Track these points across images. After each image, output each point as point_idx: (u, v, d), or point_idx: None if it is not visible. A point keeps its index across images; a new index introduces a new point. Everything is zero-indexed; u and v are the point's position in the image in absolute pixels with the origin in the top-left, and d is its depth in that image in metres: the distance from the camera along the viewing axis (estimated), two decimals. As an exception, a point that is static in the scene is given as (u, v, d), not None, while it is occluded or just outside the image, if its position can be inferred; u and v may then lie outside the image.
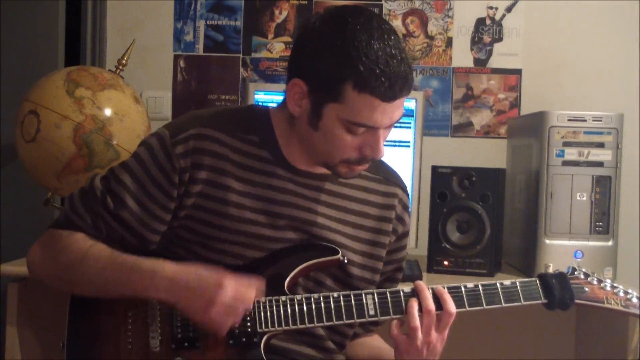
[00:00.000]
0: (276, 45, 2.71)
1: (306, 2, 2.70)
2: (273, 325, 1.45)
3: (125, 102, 2.23)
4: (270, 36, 2.72)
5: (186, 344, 1.45)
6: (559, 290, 1.52)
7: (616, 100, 2.60)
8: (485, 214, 2.15)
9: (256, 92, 2.39)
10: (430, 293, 1.47)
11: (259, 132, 1.53)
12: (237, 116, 1.56)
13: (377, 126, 1.42)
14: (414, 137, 2.32)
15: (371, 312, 1.47)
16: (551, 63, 2.66)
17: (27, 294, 2.07)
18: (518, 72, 2.67)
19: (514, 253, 2.37)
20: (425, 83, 2.65)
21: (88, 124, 2.14)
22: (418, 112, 2.31)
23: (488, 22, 2.67)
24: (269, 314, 1.45)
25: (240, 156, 1.51)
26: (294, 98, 1.45)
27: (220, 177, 1.49)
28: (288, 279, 1.49)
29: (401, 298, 1.48)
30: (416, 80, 2.56)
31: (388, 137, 1.48)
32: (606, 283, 1.56)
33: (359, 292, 1.48)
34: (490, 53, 2.67)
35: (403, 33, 2.62)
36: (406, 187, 1.69)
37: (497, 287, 1.51)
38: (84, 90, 2.17)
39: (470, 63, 2.68)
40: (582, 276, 1.56)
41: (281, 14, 2.71)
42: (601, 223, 2.14)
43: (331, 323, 1.47)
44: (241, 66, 2.73)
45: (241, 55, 2.73)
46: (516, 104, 2.67)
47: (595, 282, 1.56)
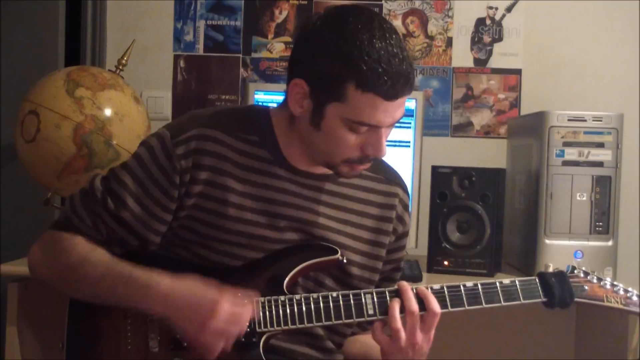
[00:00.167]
0: (276, 45, 2.71)
1: (306, 2, 2.70)
2: (272, 325, 1.45)
3: (125, 102, 2.23)
4: (270, 36, 2.72)
5: (185, 344, 1.45)
6: (559, 288, 1.52)
7: (616, 100, 2.59)
8: (485, 214, 2.15)
9: (256, 92, 2.39)
10: (413, 294, 1.46)
11: (259, 132, 1.53)
12: (238, 116, 1.56)
13: (380, 125, 1.42)
14: (414, 137, 2.32)
15: (370, 312, 1.46)
16: (551, 63, 2.66)
17: (27, 294, 2.07)
18: (518, 72, 2.67)
19: (514, 253, 2.37)
20: (425, 83, 2.65)
21: (88, 124, 2.14)
22: (418, 112, 2.31)
23: (488, 22, 2.67)
24: (268, 314, 1.45)
25: (240, 156, 1.50)
26: (296, 98, 1.45)
27: (220, 178, 1.49)
28: (287, 279, 1.49)
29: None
30: (416, 80, 2.56)
31: (388, 137, 1.48)
32: (606, 281, 1.55)
33: (358, 292, 1.48)
34: (490, 53, 2.67)
35: (403, 33, 2.62)
36: (407, 187, 1.69)
37: (497, 286, 1.51)
38: (84, 90, 2.17)
39: (470, 63, 2.68)
40: (582, 275, 1.56)
41: (281, 14, 2.71)
42: (601, 223, 2.14)
43: (330, 323, 1.47)
44: (241, 66, 2.73)
45: (241, 55, 2.73)
46: (516, 104, 2.67)
47: (595, 281, 1.55)
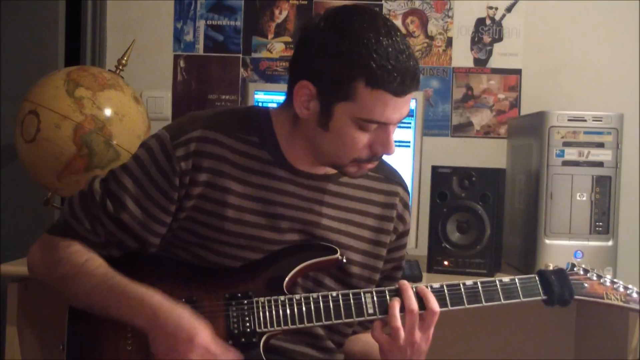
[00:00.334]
0: (276, 45, 2.71)
1: (306, 2, 2.70)
2: (272, 325, 1.45)
3: (125, 102, 2.23)
4: (270, 36, 2.72)
5: None
6: (559, 286, 1.52)
7: (616, 100, 2.59)
8: (485, 214, 2.15)
9: (256, 92, 2.39)
10: (413, 292, 1.47)
11: (259, 133, 1.53)
12: (237, 117, 1.56)
13: (389, 122, 1.43)
14: (414, 137, 2.31)
15: (370, 311, 1.46)
16: (551, 63, 2.66)
17: (27, 294, 2.07)
18: (518, 72, 2.67)
19: (514, 253, 2.37)
20: (425, 83, 2.65)
21: (88, 124, 2.14)
22: (418, 112, 2.31)
23: (488, 22, 2.67)
24: (268, 314, 1.45)
25: (240, 157, 1.50)
26: (301, 100, 1.45)
27: (220, 180, 1.49)
28: (287, 279, 1.49)
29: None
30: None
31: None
32: (606, 279, 1.55)
33: (358, 291, 1.48)
34: (490, 53, 2.67)
35: (403, 33, 2.61)
36: (407, 186, 1.69)
37: (496, 284, 1.51)
38: (84, 90, 2.17)
39: (470, 63, 2.68)
40: (582, 272, 1.56)
41: (281, 14, 2.71)
42: (601, 223, 2.14)
43: (330, 322, 1.47)
44: (241, 66, 2.73)
45: (241, 55, 2.73)
46: (516, 104, 2.67)
47: (594, 278, 1.55)
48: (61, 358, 1.50)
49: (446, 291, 1.49)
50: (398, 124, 1.48)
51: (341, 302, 1.47)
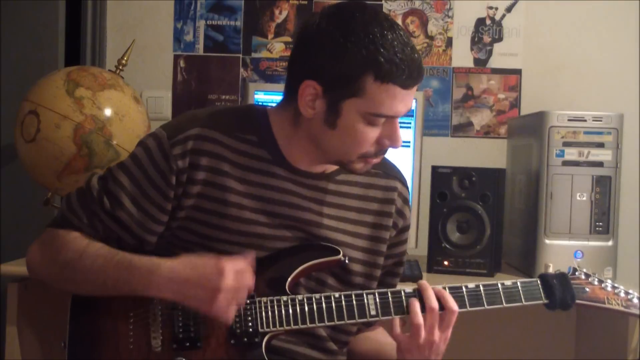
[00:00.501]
0: (276, 45, 2.71)
1: (306, 2, 2.70)
2: (274, 325, 1.45)
3: (125, 102, 2.23)
4: (270, 36, 2.72)
5: (187, 344, 1.45)
6: (560, 290, 1.52)
7: (616, 100, 2.59)
8: (485, 214, 2.15)
9: (256, 92, 2.39)
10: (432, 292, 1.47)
11: (258, 132, 1.53)
12: (236, 116, 1.56)
13: (397, 115, 1.44)
14: (414, 137, 2.31)
15: (372, 312, 1.47)
16: (551, 63, 2.66)
17: (27, 294, 2.07)
18: (518, 72, 2.67)
19: (514, 253, 2.37)
20: (425, 83, 2.65)
21: (88, 124, 2.14)
22: (418, 112, 2.31)
23: (488, 22, 2.67)
24: (271, 314, 1.45)
25: (238, 156, 1.50)
26: (306, 100, 1.45)
27: (218, 178, 1.49)
28: (289, 280, 1.49)
29: (402, 298, 1.48)
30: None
31: None
32: (607, 283, 1.56)
33: (360, 292, 1.48)
34: (490, 53, 2.67)
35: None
36: (406, 180, 1.69)
37: (499, 288, 1.52)
38: (84, 90, 2.17)
39: (470, 63, 2.68)
40: (583, 276, 1.56)
41: (281, 14, 2.71)
42: (601, 223, 2.14)
43: (332, 323, 1.47)
44: (241, 66, 2.73)
45: (241, 55, 2.73)
46: (516, 104, 2.67)
47: (596, 283, 1.56)
48: (62, 356, 1.50)
49: (448, 292, 1.49)
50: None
51: (344, 303, 1.47)
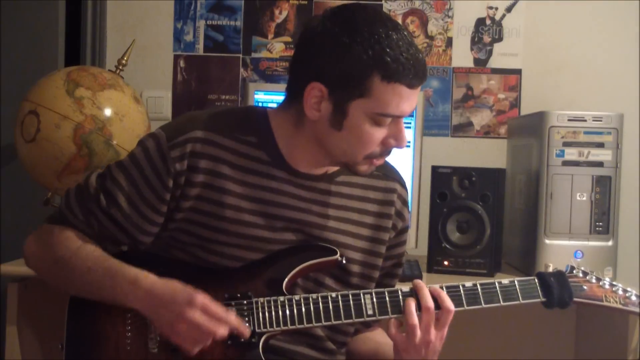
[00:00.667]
0: (276, 45, 2.71)
1: (306, 2, 2.69)
2: (272, 325, 1.45)
3: (125, 102, 2.23)
4: (270, 36, 2.72)
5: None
6: (558, 288, 1.52)
7: (616, 100, 2.59)
8: (485, 214, 2.15)
9: (256, 92, 2.39)
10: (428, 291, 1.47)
11: (257, 134, 1.53)
12: (235, 117, 1.56)
13: (404, 115, 1.45)
14: (414, 137, 2.31)
15: (369, 312, 1.46)
16: (551, 63, 2.66)
17: (27, 294, 2.07)
18: (518, 72, 2.67)
19: (514, 253, 2.37)
20: (425, 83, 2.63)
21: (88, 124, 2.14)
22: (418, 112, 2.31)
23: (488, 22, 2.67)
24: (268, 315, 1.45)
25: (237, 158, 1.50)
26: (312, 102, 1.45)
27: (217, 180, 1.49)
28: (286, 280, 1.49)
29: (399, 297, 1.48)
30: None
31: None
32: (605, 281, 1.55)
33: (357, 292, 1.48)
34: (490, 53, 2.67)
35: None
36: (405, 182, 1.69)
37: (496, 286, 1.51)
38: (84, 90, 2.17)
39: (470, 63, 2.68)
40: (581, 274, 1.56)
41: (281, 14, 2.71)
42: (601, 223, 2.14)
43: (330, 323, 1.46)
44: (241, 66, 2.73)
45: (241, 55, 2.73)
46: (516, 104, 2.67)
47: (594, 281, 1.55)
48: (60, 358, 1.50)
49: (445, 292, 1.49)
50: None
51: (340, 303, 1.47)
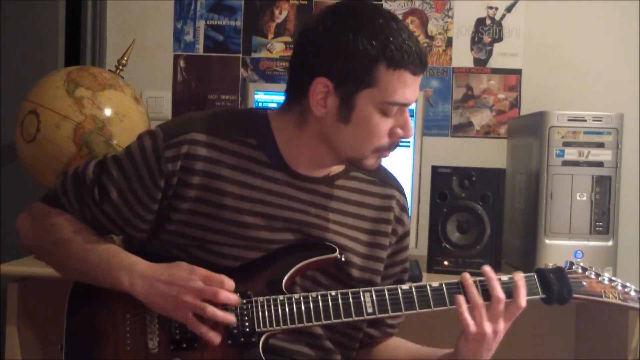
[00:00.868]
0: (276, 45, 2.71)
1: (306, 2, 2.70)
2: (271, 324, 1.44)
3: (125, 102, 2.23)
4: (270, 36, 2.72)
5: (184, 345, 1.45)
6: (557, 284, 1.51)
7: (616, 100, 2.59)
8: (485, 214, 2.15)
9: (256, 92, 2.39)
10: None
11: (257, 135, 1.53)
12: (234, 118, 1.56)
13: (409, 103, 1.47)
14: (414, 137, 2.31)
15: (369, 310, 1.46)
16: (551, 63, 2.66)
17: (27, 294, 2.07)
18: (518, 72, 2.67)
19: (514, 253, 2.36)
20: (425, 83, 2.65)
21: (88, 124, 2.14)
22: (418, 112, 2.31)
23: (488, 22, 2.67)
24: (267, 314, 1.45)
25: (236, 159, 1.50)
26: (318, 98, 1.45)
27: (215, 182, 1.49)
28: (285, 278, 1.48)
29: (399, 295, 1.48)
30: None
31: None
32: (604, 277, 1.54)
33: (357, 290, 1.48)
34: (490, 53, 2.67)
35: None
36: (403, 189, 1.68)
37: None
38: (84, 90, 2.17)
39: (470, 63, 2.68)
40: (580, 270, 1.55)
41: (281, 14, 2.71)
42: (601, 223, 2.14)
43: (329, 322, 1.46)
44: (241, 66, 2.73)
45: (241, 55, 2.73)
46: (516, 104, 2.67)
47: (593, 276, 1.54)
48: (60, 358, 1.50)
49: (445, 290, 1.49)
50: None
51: (340, 302, 1.46)
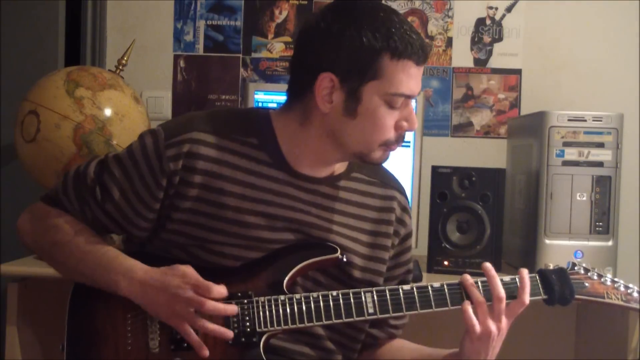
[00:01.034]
0: (276, 45, 2.71)
1: (306, 2, 2.70)
2: (272, 324, 1.45)
3: (125, 102, 2.23)
4: (270, 36, 2.72)
5: (185, 345, 1.45)
6: (559, 285, 1.51)
7: (616, 100, 2.59)
8: (485, 214, 2.15)
9: (256, 92, 2.39)
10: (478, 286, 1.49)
11: (259, 135, 1.53)
12: (236, 118, 1.56)
13: (413, 94, 1.48)
14: (414, 137, 2.31)
15: (370, 311, 1.46)
16: (551, 63, 2.66)
17: (27, 294, 2.07)
18: (518, 72, 2.67)
19: (514, 253, 2.37)
20: (425, 83, 2.65)
21: (88, 124, 2.14)
22: (418, 112, 2.31)
23: (488, 22, 2.67)
24: (268, 314, 1.45)
25: (238, 158, 1.50)
26: (324, 94, 1.46)
27: (216, 181, 1.49)
28: (287, 278, 1.48)
29: (400, 296, 1.48)
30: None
31: None
32: (606, 278, 1.54)
33: (358, 291, 1.48)
34: (490, 53, 2.67)
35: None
36: (404, 190, 1.68)
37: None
38: (84, 90, 2.17)
39: (470, 63, 2.68)
40: (582, 271, 1.55)
41: (281, 14, 2.71)
42: (601, 223, 2.14)
43: (330, 322, 1.46)
44: (241, 66, 2.73)
45: (241, 55, 2.73)
46: (516, 104, 2.67)
47: (595, 277, 1.54)
48: (61, 358, 1.50)
49: (446, 290, 1.49)
50: None
51: (341, 302, 1.46)
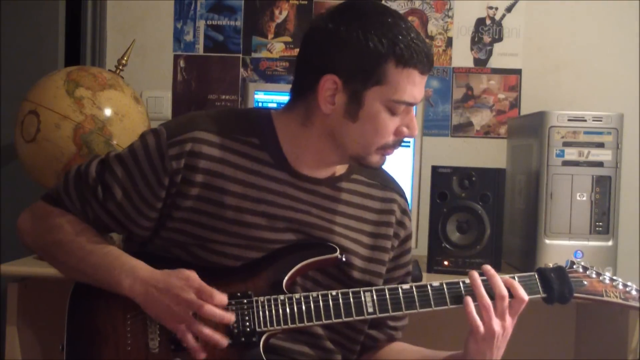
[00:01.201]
0: (276, 45, 2.71)
1: (306, 2, 2.70)
2: (272, 324, 1.44)
3: (125, 102, 2.23)
4: (270, 36, 2.72)
5: (185, 345, 1.45)
6: (558, 284, 1.51)
7: (616, 100, 2.59)
8: (485, 214, 2.15)
9: (256, 92, 2.39)
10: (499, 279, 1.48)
11: (260, 134, 1.53)
12: (237, 118, 1.56)
13: (416, 102, 1.48)
14: (414, 137, 2.31)
15: (370, 310, 1.46)
16: (551, 63, 2.66)
17: (27, 294, 2.07)
18: (518, 72, 2.67)
19: (514, 253, 2.37)
20: (425, 83, 2.64)
21: (88, 124, 2.14)
22: (418, 112, 2.31)
23: (488, 22, 2.67)
24: (268, 313, 1.45)
25: (239, 158, 1.50)
26: (326, 95, 1.46)
27: (217, 181, 1.49)
28: (286, 278, 1.48)
29: (400, 295, 1.48)
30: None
31: None
32: (605, 276, 1.54)
33: (358, 290, 1.48)
34: (490, 53, 2.67)
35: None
36: (404, 192, 1.68)
37: None
38: (84, 90, 2.17)
39: (470, 63, 2.68)
40: (581, 269, 1.55)
41: (281, 14, 2.71)
42: (601, 223, 2.14)
43: (330, 321, 1.46)
44: (241, 66, 2.73)
45: (241, 55, 2.73)
46: (516, 104, 2.67)
47: (594, 276, 1.54)
48: (61, 358, 1.50)
49: (445, 289, 1.49)
50: None
51: (341, 301, 1.46)
